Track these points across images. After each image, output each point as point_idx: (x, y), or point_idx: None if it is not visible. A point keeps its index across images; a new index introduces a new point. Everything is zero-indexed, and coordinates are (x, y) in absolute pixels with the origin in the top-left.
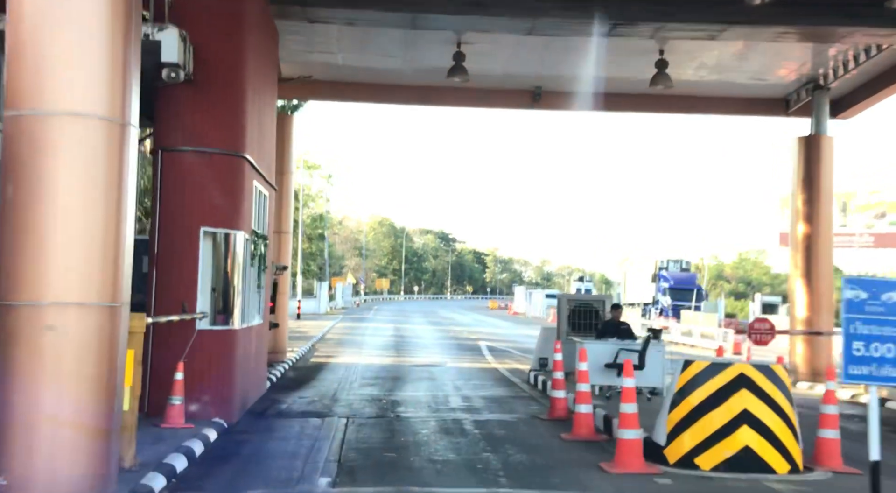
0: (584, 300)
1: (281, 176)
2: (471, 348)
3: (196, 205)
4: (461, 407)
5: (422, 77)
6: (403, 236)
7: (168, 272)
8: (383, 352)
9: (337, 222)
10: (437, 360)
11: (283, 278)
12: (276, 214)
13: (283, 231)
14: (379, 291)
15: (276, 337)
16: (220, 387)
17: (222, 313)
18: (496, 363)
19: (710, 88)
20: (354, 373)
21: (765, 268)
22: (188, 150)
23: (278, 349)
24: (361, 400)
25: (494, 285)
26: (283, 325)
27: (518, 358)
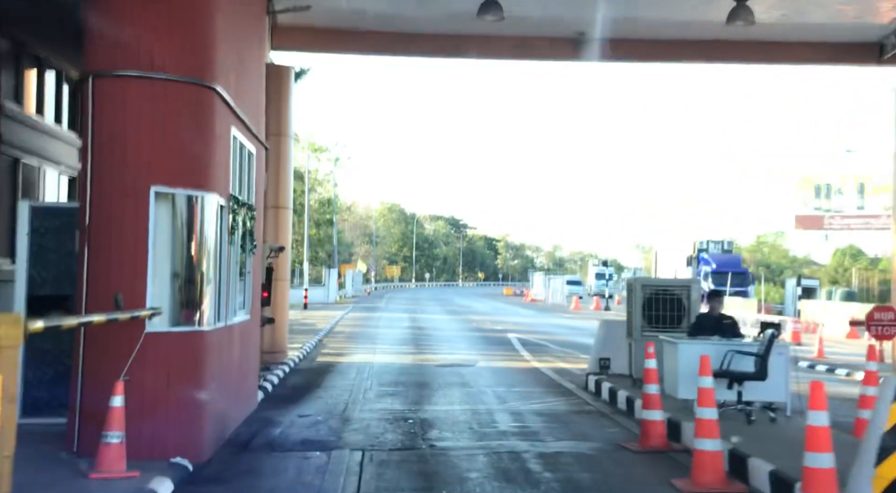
0: (663, 286)
1: (278, 138)
2: (499, 341)
3: (144, 155)
4: (514, 430)
5: (444, 24)
6: (414, 223)
7: (105, 252)
8: (401, 348)
9: (346, 208)
10: (465, 358)
11: (282, 262)
12: (272, 184)
13: (282, 206)
14: (390, 278)
15: (274, 334)
16: (183, 412)
17: (188, 309)
18: (536, 362)
19: (791, 32)
20: (369, 377)
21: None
22: (132, 75)
23: (277, 348)
24: (381, 420)
25: (506, 271)
26: (282, 318)
27: (559, 354)
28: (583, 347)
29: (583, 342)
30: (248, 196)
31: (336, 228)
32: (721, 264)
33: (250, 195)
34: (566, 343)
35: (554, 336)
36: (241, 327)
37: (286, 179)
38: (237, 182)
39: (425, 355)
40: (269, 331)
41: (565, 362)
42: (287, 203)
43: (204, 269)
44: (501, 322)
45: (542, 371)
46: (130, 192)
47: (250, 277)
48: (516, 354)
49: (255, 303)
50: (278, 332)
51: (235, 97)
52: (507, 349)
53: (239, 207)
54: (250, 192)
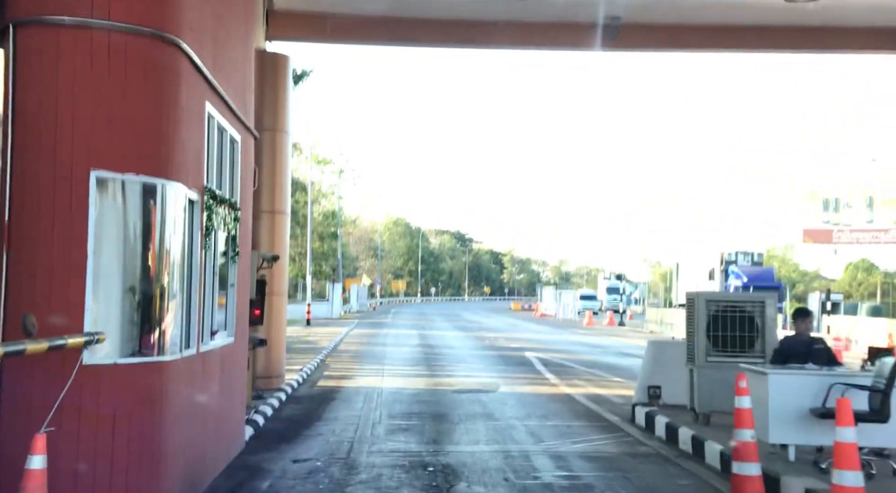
0: (732, 302)
1: (274, 134)
2: (518, 361)
3: (83, 129)
4: (562, 483)
5: (458, 9)
6: (419, 236)
7: (29, 257)
8: (412, 369)
9: (350, 221)
10: (484, 381)
11: (278, 274)
12: (267, 186)
13: (279, 211)
14: (395, 293)
15: (268, 356)
16: (135, 470)
17: (144, 333)
18: (564, 386)
19: (858, 16)
20: (378, 406)
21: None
22: (67, 23)
23: (272, 372)
24: (394, 466)
25: (512, 285)
26: (279, 338)
27: (586, 376)
28: (610, 367)
29: (609, 362)
30: (230, 192)
31: (340, 242)
32: (753, 278)
33: (234, 191)
34: (591, 363)
35: (576, 355)
36: (221, 353)
37: (283, 180)
38: (215, 173)
39: (439, 378)
40: (264, 353)
41: (597, 386)
42: (284, 208)
43: (166, 280)
44: (516, 339)
45: (574, 399)
46: (64, 177)
47: (235, 291)
48: (539, 376)
49: (242, 322)
50: (274, 354)
51: (213, 67)
52: (528, 371)
53: (217, 203)
54: (234, 187)
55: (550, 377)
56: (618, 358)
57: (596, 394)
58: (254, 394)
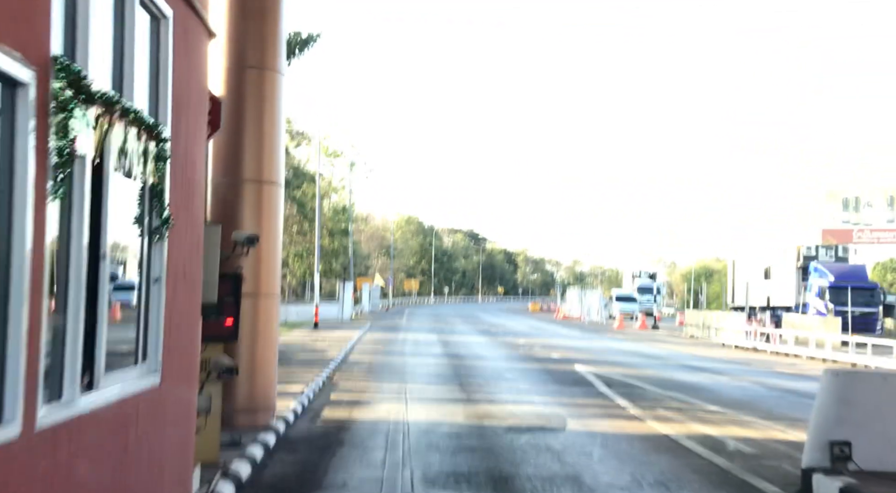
0: None
1: (260, 74)
2: (569, 377)
3: None
4: None
5: None
6: (433, 235)
7: None
8: (441, 389)
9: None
10: (539, 409)
11: (266, 269)
12: (253, 147)
13: (268, 181)
14: (408, 292)
15: (252, 382)
16: None
17: None
18: (652, 420)
19: None
20: (406, 459)
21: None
22: None
23: (258, 404)
24: None
25: (526, 285)
26: (267, 357)
27: (670, 403)
28: (688, 388)
29: (680, 380)
30: (152, 111)
31: (351, 238)
32: (841, 277)
33: (159, 110)
34: (661, 382)
35: (634, 369)
36: (130, 407)
37: (274, 139)
38: (99, 57)
39: (480, 405)
40: (246, 379)
41: (696, 419)
42: (276, 177)
43: None
44: (552, 347)
45: (683, 446)
46: None
47: (163, 291)
48: (609, 403)
49: (181, 345)
50: (261, 378)
51: None
52: (590, 393)
53: (106, 109)
54: (159, 103)
55: (623, 404)
56: (686, 374)
57: (707, 436)
58: (228, 439)
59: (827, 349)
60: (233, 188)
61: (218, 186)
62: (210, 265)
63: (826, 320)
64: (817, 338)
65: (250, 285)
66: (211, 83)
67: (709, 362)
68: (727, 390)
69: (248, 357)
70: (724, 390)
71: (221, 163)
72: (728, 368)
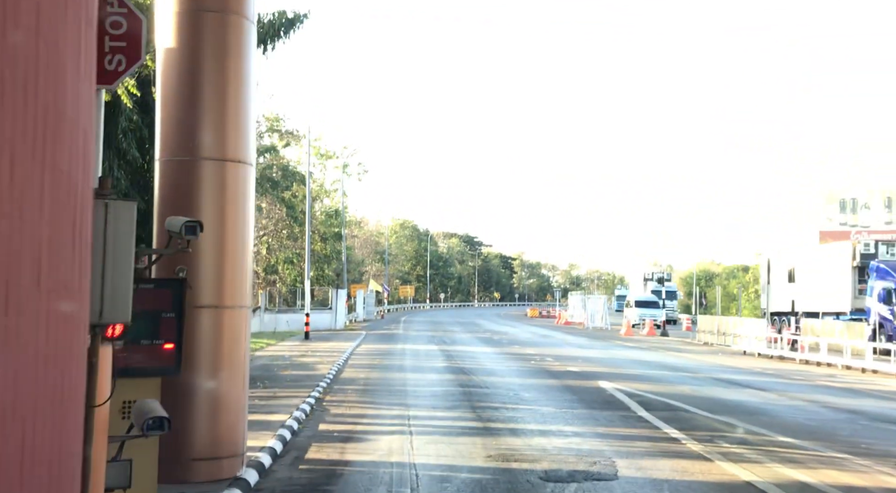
0: None
1: (222, 18)
2: (599, 397)
3: None
4: None
5: None
6: (428, 240)
7: None
8: (451, 415)
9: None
10: (578, 446)
11: (232, 267)
12: (212, 115)
13: (232, 159)
14: (403, 299)
15: (214, 422)
16: None
17: None
18: (723, 461)
19: None
20: None
21: None
22: None
23: (221, 450)
24: None
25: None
26: (233, 387)
27: (728, 432)
28: (736, 409)
29: (722, 398)
30: None
31: (345, 243)
32: None
33: None
34: (702, 402)
35: (668, 386)
36: None
37: (241, 106)
38: None
39: (501, 438)
40: (207, 417)
41: (774, 456)
42: (245, 155)
43: None
44: (566, 358)
45: None
46: None
47: None
48: (656, 431)
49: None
50: (226, 416)
51: None
52: (627, 419)
53: None
54: None
55: (675, 435)
56: (726, 390)
57: (804, 486)
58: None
59: (867, 359)
60: (187, 169)
61: (167, 167)
62: (117, 264)
63: (850, 326)
64: (853, 346)
65: (211, 293)
66: (158, 31)
67: (741, 374)
68: (786, 414)
69: (209, 390)
70: (783, 414)
71: (172, 135)
72: (767, 382)
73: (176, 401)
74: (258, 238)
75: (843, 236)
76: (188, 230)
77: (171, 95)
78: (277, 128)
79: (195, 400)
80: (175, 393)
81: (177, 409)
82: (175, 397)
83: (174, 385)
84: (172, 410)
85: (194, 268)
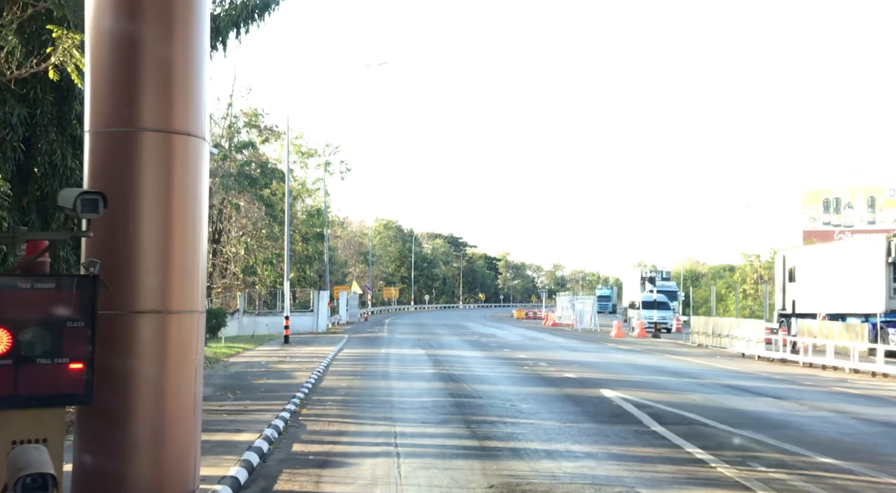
0: None
1: None
2: (603, 408)
3: None
4: None
5: None
6: (412, 241)
7: None
8: (442, 433)
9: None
10: (590, 470)
11: (179, 263)
12: (150, 69)
13: (179, 131)
14: (387, 301)
15: (159, 454)
16: None
17: None
18: (764, 491)
19: None
20: None
21: None
22: None
23: (168, 488)
24: None
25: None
26: (181, 411)
27: (768, 455)
28: (764, 424)
29: (739, 408)
30: None
31: (327, 243)
32: None
33: None
34: (722, 414)
35: (676, 394)
36: None
37: (192, 66)
38: None
39: (503, 461)
40: (150, 449)
41: (821, 484)
42: (196, 127)
43: None
44: (560, 363)
45: None
46: None
47: None
48: (677, 451)
49: None
50: (172, 446)
51: None
52: (641, 435)
53: None
54: None
55: (700, 455)
56: (739, 399)
57: None
58: None
59: (879, 363)
60: (124, 142)
61: (100, 140)
62: None
63: (849, 327)
64: (860, 349)
65: (153, 295)
66: None
67: (748, 379)
68: (815, 427)
69: (151, 417)
70: (812, 427)
71: (105, 101)
72: (779, 388)
73: (106, 433)
74: (236, 238)
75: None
76: (86, 206)
77: (103, 52)
78: (256, 123)
79: (132, 430)
80: (105, 422)
81: (107, 443)
82: (104, 427)
83: (102, 413)
84: (101, 444)
85: (132, 263)
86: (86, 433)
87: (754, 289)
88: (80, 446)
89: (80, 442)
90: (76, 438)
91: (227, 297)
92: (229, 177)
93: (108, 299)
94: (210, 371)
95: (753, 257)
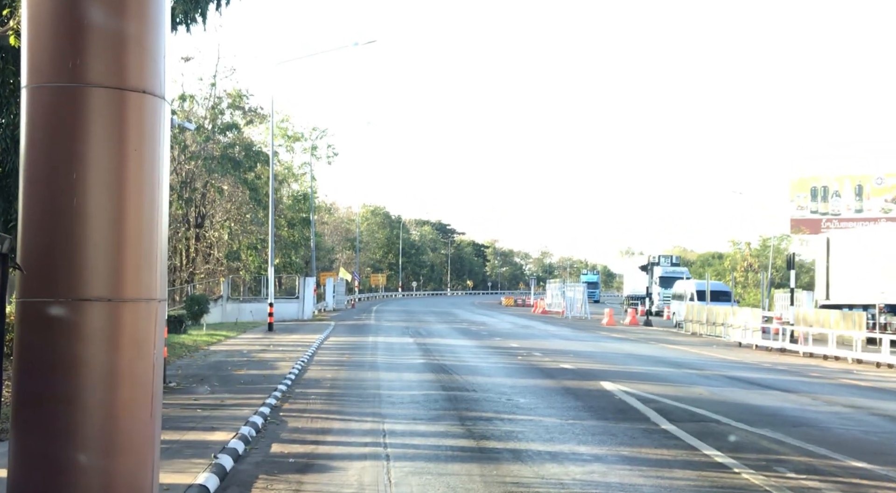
0: None
1: None
2: (606, 404)
3: None
4: None
5: None
6: (400, 227)
7: None
8: (435, 431)
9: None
10: (601, 476)
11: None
12: (104, 31)
13: (135, 88)
14: (374, 288)
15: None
16: None
17: None
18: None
19: None
20: None
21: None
22: None
23: None
24: None
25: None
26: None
27: (794, 459)
28: (779, 421)
29: (758, 406)
30: None
31: (314, 229)
32: None
33: None
34: (734, 410)
35: (680, 387)
36: None
37: (148, 13)
38: None
39: (503, 464)
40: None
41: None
42: (153, 84)
43: None
44: (556, 353)
45: None
46: None
47: None
48: (693, 452)
49: None
50: (124, 458)
51: None
52: (651, 434)
53: None
54: None
55: (720, 459)
56: (748, 393)
57: None
58: None
59: (884, 353)
60: (68, 99)
61: (39, 96)
62: None
63: (847, 315)
64: (863, 338)
65: (103, 280)
66: None
67: (752, 370)
68: (835, 425)
69: (100, 421)
70: (832, 425)
71: (44, 52)
72: (786, 381)
73: (43, 439)
74: (220, 223)
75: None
76: None
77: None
78: (240, 105)
79: (76, 437)
80: (41, 428)
81: (45, 451)
82: (40, 434)
83: (38, 417)
84: (34, 454)
85: (76, 241)
86: (20, 436)
87: (744, 277)
88: (12, 460)
89: (14, 457)
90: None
91: (210, 283)
92: (212, 159)
93: (48, 284)
94: (188, 360)
95: (744, 244)
